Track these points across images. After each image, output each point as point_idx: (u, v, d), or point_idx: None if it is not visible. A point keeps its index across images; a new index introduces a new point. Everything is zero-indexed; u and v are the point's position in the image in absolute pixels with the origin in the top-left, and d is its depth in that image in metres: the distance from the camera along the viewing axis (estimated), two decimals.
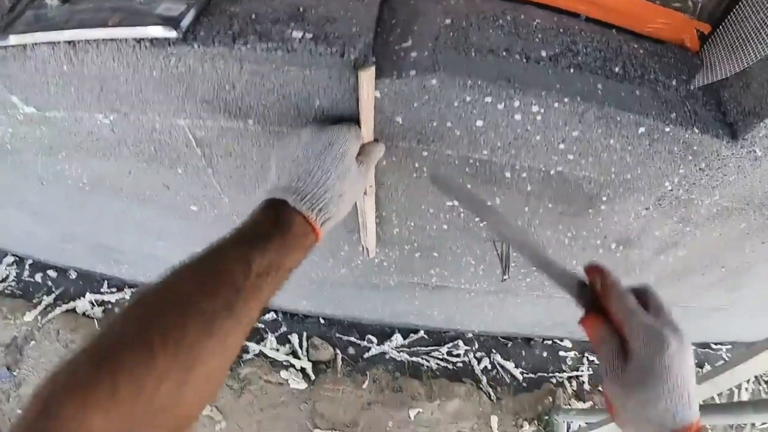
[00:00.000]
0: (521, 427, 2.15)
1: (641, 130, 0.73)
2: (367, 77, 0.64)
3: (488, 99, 0.69)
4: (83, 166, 1.06)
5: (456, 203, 0.69)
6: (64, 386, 0.44)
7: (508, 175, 0.85)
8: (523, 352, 2.28)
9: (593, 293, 0.65)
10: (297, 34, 0.65)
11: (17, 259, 2.28)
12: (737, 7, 0.73)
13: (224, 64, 0.67)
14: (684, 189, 0.86)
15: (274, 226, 0.61)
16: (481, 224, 0.69)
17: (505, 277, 1.07)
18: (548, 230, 1.04)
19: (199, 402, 0.52)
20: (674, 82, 0.76)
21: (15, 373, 2.06)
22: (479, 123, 0.73)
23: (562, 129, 0.73)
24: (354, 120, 0.71)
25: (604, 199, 0.92)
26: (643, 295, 0.64)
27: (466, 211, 0.69)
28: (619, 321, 0.62)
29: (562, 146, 0.77)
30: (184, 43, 0.65)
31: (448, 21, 0.74)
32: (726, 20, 0.75)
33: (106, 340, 0.48)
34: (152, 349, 0.47)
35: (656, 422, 0.61)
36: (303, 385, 2.06)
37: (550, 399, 2.20)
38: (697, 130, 0.73)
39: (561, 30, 0.77)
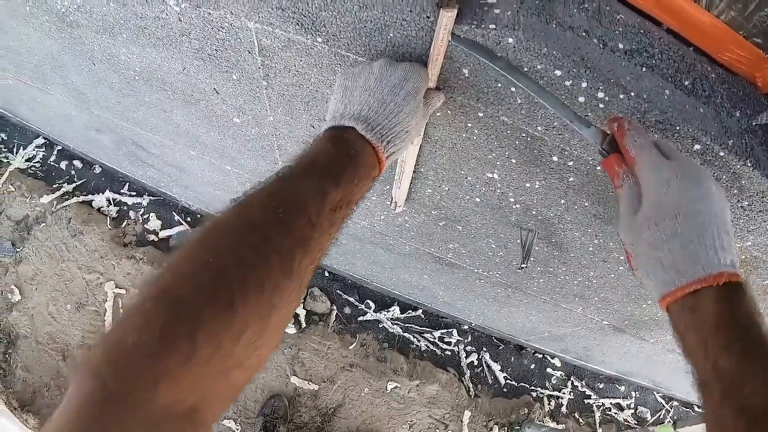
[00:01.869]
0: (491, 429, 2.16)
1: (696, 147, 0.72)
2: (447, 18, 0.64)
3: (558, 72, 0.68)
4: (139, 53, 1.07)
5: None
6: (130, 358, 0.39)
7: (555, 159, 0.84)
8: (512, 359, 2.29)
9: (614, 139, 0.65)
10: None
11: (47, 142, 2.36)
12: None
13: None
14: None
15: (345, 156, 0.59)
16: (519, 84, 0.68)
17: (522, 266, 1.07)
18: (577, 231, 1.03)
19: (270, 350, 0.49)
20: (738, 113, 0.75)
21: (18, 250, 2.15)
22: None
23: None
24: (422, 62, 0.72)
25: None
26: (657, 143, 0.63)
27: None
28: (630, 159, 0.61)
29: None
30: None
31: None
32: None
33: (178, 291, 0.43)
34: (232, 298, 0.43)
35: (671, 268, 0.55)
36: (292, 330, 2.10)
37: (526, 411, 2.20)
38: (749, 164, 0.72)
39: (641, 31, 0.76)
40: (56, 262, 2.12)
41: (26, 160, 2.30)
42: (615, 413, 2.33)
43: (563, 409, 2.27)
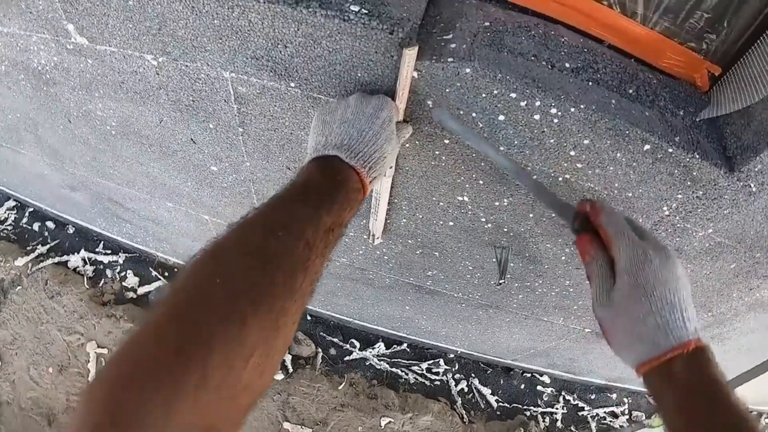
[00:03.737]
0: None
1: (646, 147, 0.79)
2: (409, 55, 0.71)
3: (513, 95, 0.75)
4: (116, 108, 1.11)
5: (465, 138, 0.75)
6: (143, 382, 0.38)
7: None
8: (501, 381, 2.31)
9: (586, 218, 0.71)
10: (354, 8, 0.72)
11: (19, 204, 2.36)
12: (747, 52, 0.80)
13: (283, 24, 0.73)
14: (680, 216, 0.92)
15: (333, 182, 0.64)
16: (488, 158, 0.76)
17: (500, 281, 1.12)
18: (548, 242, 1.09)
19: (274, 372, 0.50)
20: (681, 113, 0.83)
21: None
22: (501, 117, 0.79)
23: (575, 135, 0.79)
24: (390, 96, 0.78)
25: None
26: (629, 223, 0.68)
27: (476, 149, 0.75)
28: (607, 238, 0.67)
29: (572, 153, 0.82)
30: None
31: (486, 24, 0.81)
32: (736, 64, 0.82)
33: (192, 311, 0.43)
34: (244, 319, 0.44)
35: (647, 340, 0.61)
36: (280, 376, 2.09)
37: (522, 430, 2.21)
38: (698, 156, 0.79)
39: (585, 49, 0.84)
40: (35, 325, 2.08)
41: None
42: (610, 421, 2.36)
43: (558, 424, 2.29)
